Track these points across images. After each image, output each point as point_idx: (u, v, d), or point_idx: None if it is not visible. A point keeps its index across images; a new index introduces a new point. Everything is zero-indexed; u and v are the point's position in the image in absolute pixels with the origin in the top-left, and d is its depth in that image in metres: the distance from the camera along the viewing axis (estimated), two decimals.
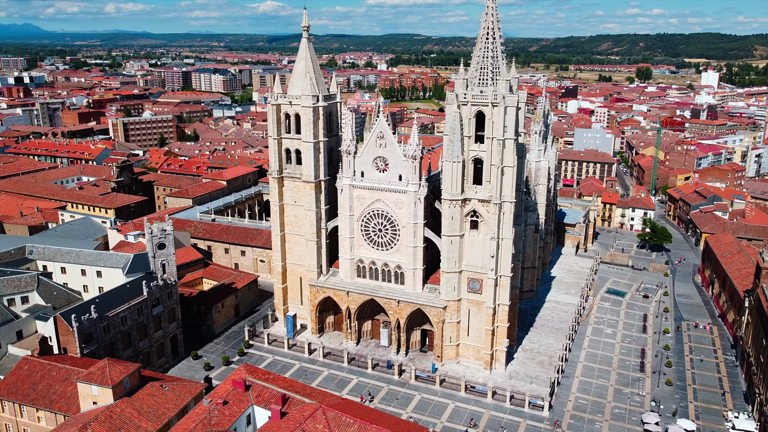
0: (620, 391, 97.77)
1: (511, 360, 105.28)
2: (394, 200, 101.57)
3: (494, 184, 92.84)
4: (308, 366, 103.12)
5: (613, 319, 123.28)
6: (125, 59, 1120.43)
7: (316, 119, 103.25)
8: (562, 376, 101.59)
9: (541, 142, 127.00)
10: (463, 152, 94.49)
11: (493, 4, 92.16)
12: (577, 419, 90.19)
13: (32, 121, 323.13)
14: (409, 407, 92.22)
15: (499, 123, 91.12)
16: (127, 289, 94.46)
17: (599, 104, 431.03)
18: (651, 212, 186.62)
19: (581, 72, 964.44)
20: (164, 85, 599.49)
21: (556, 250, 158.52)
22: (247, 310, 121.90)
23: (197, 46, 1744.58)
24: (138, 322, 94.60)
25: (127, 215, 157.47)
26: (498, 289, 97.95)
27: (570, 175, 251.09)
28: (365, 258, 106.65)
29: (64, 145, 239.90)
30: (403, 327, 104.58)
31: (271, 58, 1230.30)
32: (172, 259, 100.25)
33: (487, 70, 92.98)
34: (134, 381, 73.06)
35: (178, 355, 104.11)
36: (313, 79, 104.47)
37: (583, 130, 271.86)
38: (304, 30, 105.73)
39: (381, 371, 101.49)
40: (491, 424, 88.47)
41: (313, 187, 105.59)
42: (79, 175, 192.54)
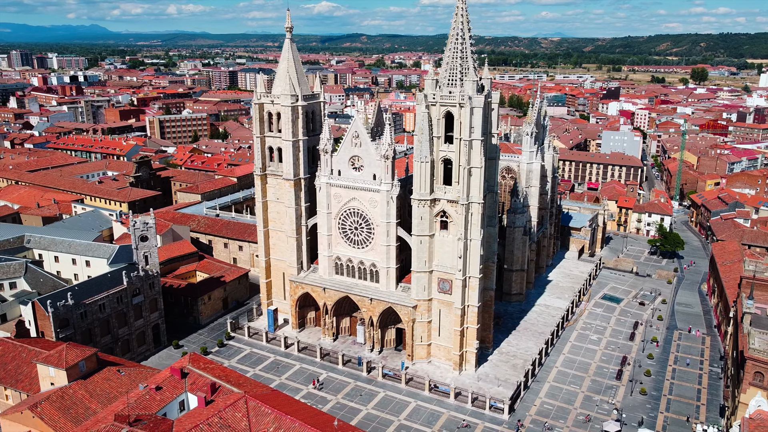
0: (590, 398, 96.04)
1: (484, 362, 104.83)
2: (369, 199, 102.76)
3: (461, 185, 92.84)
4: (282, 359, 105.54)
5: (602, 326, 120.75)
6: (181, 59, 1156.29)
7: (296, 118, 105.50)
8: (534, 380, 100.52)
9: (533, 143, 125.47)
10: (432, 152, 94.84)
11: (463, 5, 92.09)
12: (537, 424, 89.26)
13: (77, 117, 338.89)
14: (371, 404, 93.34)
15: (466, 124, 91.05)
16: (108, 278, 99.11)
17: (642, 106, 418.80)
18: (668, 218, 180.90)
19: (634, 73, 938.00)
20: (210, 85, 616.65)
21: (559, 254, 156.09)
22: (237, 303, 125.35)
23: (252, 46, 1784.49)
24: (117, 310, 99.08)
25: (141, 209, 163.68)
26: (467, 291, 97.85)
27: (594, 179, 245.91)
28: (342, 255, 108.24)
29: (98, 141, 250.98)
30: (376, 324, 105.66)
31: (321, 58, 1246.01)
32: (154, 251, 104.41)
33: (456, 70, 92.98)
34: (91, 365, 76.92)
35: (161, 344, 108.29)
36: (294, 79, 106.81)
37: (611, 133, 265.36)
38: (287, 31, 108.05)
39: (352, 367, 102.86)
40: (448, 424, 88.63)
41: (292, 184, 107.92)
42: (105, 170, 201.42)
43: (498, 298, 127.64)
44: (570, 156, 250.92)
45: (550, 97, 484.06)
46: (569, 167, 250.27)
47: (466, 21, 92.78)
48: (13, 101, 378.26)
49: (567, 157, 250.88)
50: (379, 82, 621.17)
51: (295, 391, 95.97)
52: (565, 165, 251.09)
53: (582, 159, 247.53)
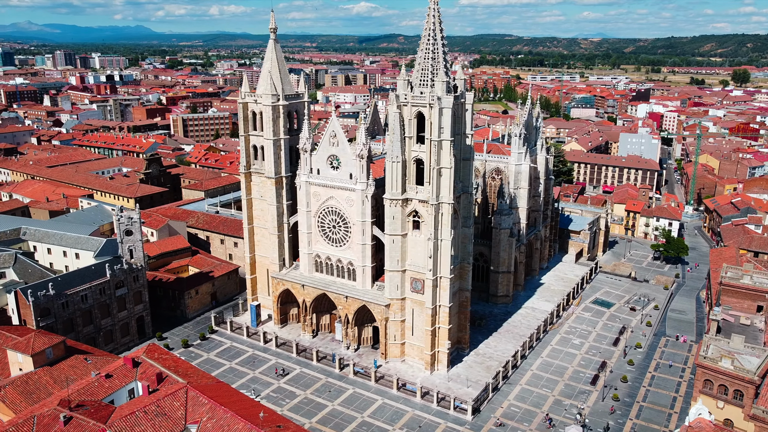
0: (560, 403, 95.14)
1: (459, 363, 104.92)
2: (345, 198, 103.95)
3: (431, 185, 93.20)
4: (260, 354, 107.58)
5: (587, 330, 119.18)
6: (219, 59, 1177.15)
7: (276, 117, 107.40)
8: (505, 382, 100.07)
9: (521, 145, 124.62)
10: (404, 153, 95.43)
11: (435, 6, 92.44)
12: (501, 426, 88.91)
13: (105, 115, 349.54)
14: (338, 400, 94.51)
15: (435, 124, 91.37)
16: (91, 270, 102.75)
17: (672, 108, 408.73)
18: (676, 222, 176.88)
19: (674, 74, 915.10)
20: (242, 84, 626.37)
21: (557, 257, 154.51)
22: (226, 298, 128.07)
23: (290, 47, 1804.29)
24: (100, 301, 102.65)
25: (148, 204, 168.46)
26: (438, 291, 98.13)
27: (610, 182, 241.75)
28: (322, 253, 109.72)
29: (120, 138, 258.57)
30: (352, 322, 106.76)
31: (356, 59, 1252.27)
32: (139, 245, 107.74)
33: (427, 71, 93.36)
34: (58, 352, 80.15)
35: (145, 336, 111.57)
36: (276, 79, 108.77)
37: (628, 135, 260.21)
38: (272, 32, 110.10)
39: (327, 364, 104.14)
40: (411, 423, 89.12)
41: (274, 182, 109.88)
42: (120, 166, 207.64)
43: (484, 300, 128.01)
44: (585, 158, 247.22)
45: (578, 98, 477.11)
46: (584, 169, 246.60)
47: (438, 21, 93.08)
48: (47, 99, 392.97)
49: (582, 159, 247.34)
50: None
51: (266, 385, 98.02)
52: (580, 167, 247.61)
53: (597, 161, 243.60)
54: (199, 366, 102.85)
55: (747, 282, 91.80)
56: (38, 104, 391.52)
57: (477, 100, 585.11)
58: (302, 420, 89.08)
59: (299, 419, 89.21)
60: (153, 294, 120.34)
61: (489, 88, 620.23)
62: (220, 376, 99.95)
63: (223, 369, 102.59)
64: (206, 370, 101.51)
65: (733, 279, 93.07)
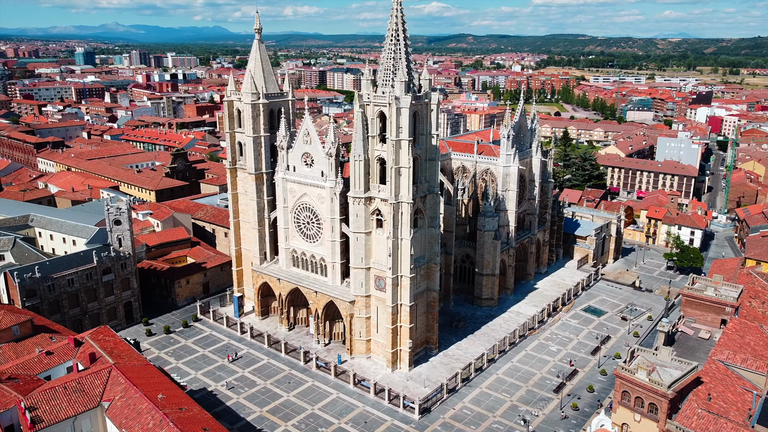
0: (516, 408, 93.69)
1: (425, 363, 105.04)
2: (317, 195, 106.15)
3: (390, 185, 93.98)
4: (234, 344, 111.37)
5: (569, 337, 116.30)
6: (286, 59, 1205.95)
7: (256, 115, 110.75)
8: (465, 384, 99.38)
9: (510, 146, 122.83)
10: (367, 151, 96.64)
11: (398, 6, 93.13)
12: (446, 427, 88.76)
13: (159, 112, 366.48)
14: (295, 391, 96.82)
15: (394, 124, 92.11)
16: (80, 256, 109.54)
17: (735, 112, 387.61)
18: (699, 232, 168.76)
19: (754, 77, 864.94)
20: (300, 83, 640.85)
21: (560, 263, 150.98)
22: (218, 288, 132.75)
23: (359, 47, 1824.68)
24: (86, 286, 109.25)
25: (168, 197, 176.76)
26: (399, 289, 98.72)
27: (645, 187, 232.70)
28: (298, 249, 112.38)
29: (163, 134, 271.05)
30: (322, 317, 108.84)
31: (420, 59, 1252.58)
32: (127, 234, 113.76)
33: (389, 71, 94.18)
34: (25, 330, 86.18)
35: (133, 320, 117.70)
36: (259, 78, 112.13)
37: (666, 139, 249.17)
38: (256, 32, 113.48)
39: (294, 356, 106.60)
40: (357, 418, 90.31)
41: (254, 178, 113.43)
42: (154, 160, 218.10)
43: (469, 302, 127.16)
44: (619, 162, 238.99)
45: (635, 101, 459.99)
46: (618, 174, 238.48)
47: (401, 21, 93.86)
48: (107, 96, 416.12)
49: (616, 164, 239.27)
50: (462, 83, 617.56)
51: (231, 373, 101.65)
52: (614, 172, 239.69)
53: (632, 166, 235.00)
54: (174, 351, 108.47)
55: (710, 294, 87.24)
56: (101, 101, 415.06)
57: (532, 101, 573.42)
58: (253, 408, 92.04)
59: (251, 407, 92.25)
60: (147, 281, 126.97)
61: (546, 89, 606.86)
62: (190, 363, 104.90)
63: (195, 356, 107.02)
64: (180, 356, 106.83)
65: (697, 290, 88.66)
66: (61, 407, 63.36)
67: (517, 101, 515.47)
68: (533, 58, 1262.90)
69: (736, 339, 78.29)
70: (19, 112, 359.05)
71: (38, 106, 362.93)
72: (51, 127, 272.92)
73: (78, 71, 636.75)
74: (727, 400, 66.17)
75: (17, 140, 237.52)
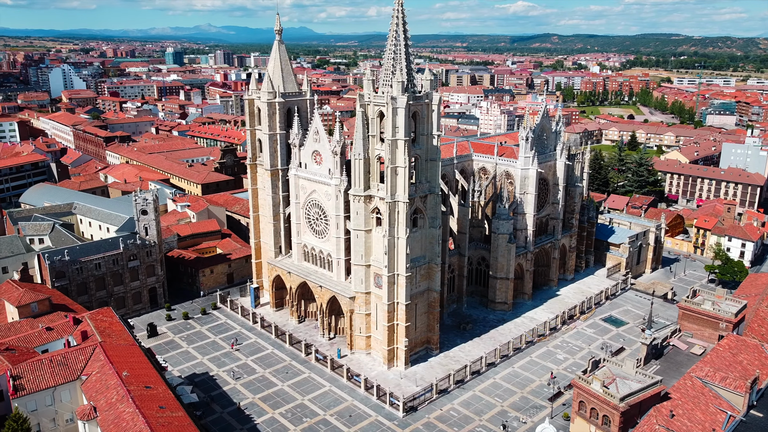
0: (505, 414, 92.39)
1: (424, 362, 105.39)
2: (324, 192, 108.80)
3: (387, 184, 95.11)
4: (245, 332, 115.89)
5: (580, 347, 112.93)
6: (365, 59, 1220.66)
7: (272, 113, 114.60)
8: (459, 386, 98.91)
9: (528, 149, 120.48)
10: (368, 150, 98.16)
11: (399, 7, 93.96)
12: (429, 427, 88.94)
13: (227, 110, 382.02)
14: (290, 381, 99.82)
15: (390, 123, 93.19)
16: (108, 242, 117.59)
17: None
18: (750, 244, 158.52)
19: None
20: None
21: (590, 270, 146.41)
22: (242, 279, 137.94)
23: (440, 47, 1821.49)
24: (113, 270, 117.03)
25: (213, 190, 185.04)
26: (396, 287, 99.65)
27: (706, 195, 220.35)
28: (308, 244, 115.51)
29: (224, 130, 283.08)
30: (326, 311, 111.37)
31: (498, 59, 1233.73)
32: (153, 223, 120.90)
33: (389, 71, 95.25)
34: (43, 307, 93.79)
35: (157, 305, 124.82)
36: (278, 77, 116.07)
37: (732, 145, 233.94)
38: (277, 33, 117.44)
39: (297, 348, 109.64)
40: (344, 411, 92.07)
41: (270, 174, 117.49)
42: (209, 155, 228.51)
43: (483, 305, 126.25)
44: (678, 169, 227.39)
45: (717, 104, 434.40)
46: (677, 181, 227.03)
47: (402, 22, 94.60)
48: (182, 94, 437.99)
49: (676, 170, 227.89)
50: (535, 84, 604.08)
51: (234, 360, 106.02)
52: (672, 178, 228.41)
53: (692, 173, 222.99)
54: (188, 336, 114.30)
55: (707, 308, 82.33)
56: (178, 98, 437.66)
57: (609, 104, 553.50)
58: (247, 394, 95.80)
59: (245, 393, 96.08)
60: (176, 270, 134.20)
61: (624, 91, 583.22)
62: (199, 348, 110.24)
63: (206, 341, 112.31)
64: (192, 340, 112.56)
65: (695, 304, 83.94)
66: (44, 378, 69.06)
67: (592, 103, 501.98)
68: (618, 59, 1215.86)
69: (727, 357, 73.98)
70: (103, 108, 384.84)
71: (120, 103, 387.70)
72: (123, 122, 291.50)
73: (164, 70, 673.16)
74: (694, 419, 62.97)
75: (90, 134, 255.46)
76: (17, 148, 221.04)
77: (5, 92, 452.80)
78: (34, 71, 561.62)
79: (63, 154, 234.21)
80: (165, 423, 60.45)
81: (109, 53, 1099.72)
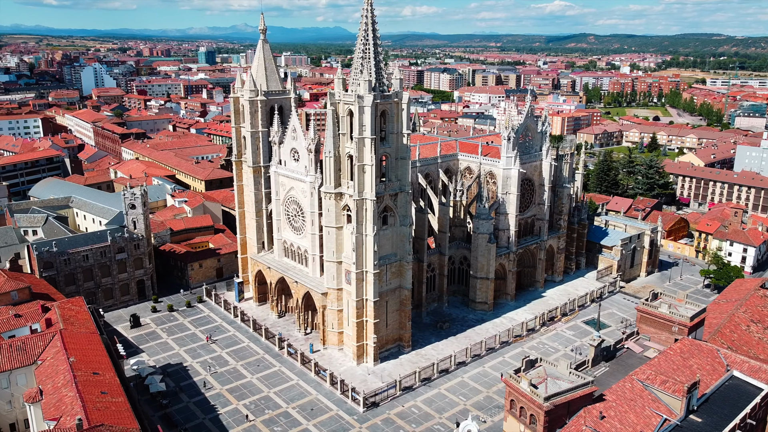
0: (465, 413, 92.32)
1: (393, 359, 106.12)
2: (301, 189, 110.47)
3: (354, 181, 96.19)
4: (225, 325, 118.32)
5: (556, 348, 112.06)
6: (395, 58, 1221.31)
7: (254, 111, 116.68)
8: (424, 384, 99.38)
9: (510, 149, 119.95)
10: (338, 148, 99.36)
11: (368, 6, 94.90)
12: (387, 422, 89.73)
13: None
14: (259, 374, 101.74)
15: (356, 122, 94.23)
16: (96, 235, 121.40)
17: None
18: (752, 249, 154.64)
19: None
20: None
21: (581, 272, 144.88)
22: (231, 274, 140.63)
23: (474, 47, 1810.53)
24: (101, 262, 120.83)
25: (217, 186, 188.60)
26: (364, 284, 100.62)
27: (718, 199, 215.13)
28: (287, 240, 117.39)
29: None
30: (302, 306, 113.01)
31: (530, 59, 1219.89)
32: (140, 217, 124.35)
33: (358, 70, 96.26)
34: (24, 296, 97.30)
35: (145, 297, 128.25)
36: (261, 76, 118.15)
37: (747, 148, 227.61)
38: (261, 32, 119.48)
39: (272, 342, 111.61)
40: (306, 405, 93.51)
41: (252, 170, 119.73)
42: (218, 152, 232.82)
43: (465, 305, 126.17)
44: (690, 172, 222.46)
45: (746, 106, 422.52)
46: (688, 184, 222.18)
47: (371, 22, 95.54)
48: (204, 92, 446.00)
49: (688, 173, 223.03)
50: (561, 84, 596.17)
51: (210, 352, 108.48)
52: (684, 181, 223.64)
53: (704, 176, 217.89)
54: (169, 328, 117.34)
55: (663, 311, 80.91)
56: (197, 96, 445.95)
57: (636, 105, 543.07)
58: (216, 385, 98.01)
59: (213, 384, 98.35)
60: (167, 263, 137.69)
61: (653, 92, 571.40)
62: (178, 339, 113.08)
63: (186, 333, 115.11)
64: (172, 332, 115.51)
65: (652, 306, 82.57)
66: (1, 362, 72.20)
67: (618, 104, 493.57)
68: (654, 59, 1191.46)
69: (677, 360, 72.94)
70: (128, 106, 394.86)
71: (144, 101, 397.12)
72: (141, 120, 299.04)
73: (194, 69, 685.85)
74: (625, 421, 62.43)
75: (108, 131, 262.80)
76: (36, 143, 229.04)
77: (39, 90, 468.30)
78: (69, 70, 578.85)
79: (80, 150, 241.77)
80: (102, 407, 62.71)
81: (145, 52, 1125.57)
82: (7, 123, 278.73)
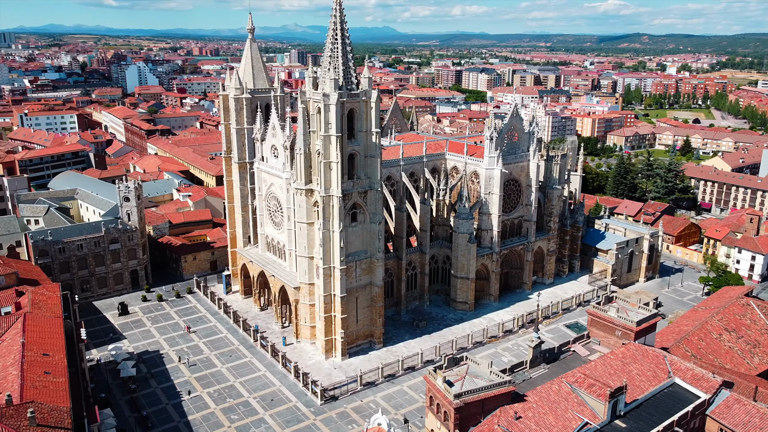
0: (422, 410, 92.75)
1: (362, 355, 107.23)
2: (279, 185, 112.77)
3: (320, 178, 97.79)
4: (208, 316, 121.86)
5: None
6: (440, 58, 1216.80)
7: (240, 108, 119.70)
8: (388, 380, 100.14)
9: (493, 149, 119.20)
10: (309, 146, 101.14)
11: (337, 6, 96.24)
12: (342, 416, 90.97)
13: None
14: (229, 364, 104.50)
15: (323, 119, 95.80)
16: (91, 225, 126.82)
17: None
18: (761, 257, 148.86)
19: None
20: (434, 83, 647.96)
21: (575, 275, 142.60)
22: (224, 267, 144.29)
23: (522, 47, 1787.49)
24: (94, 252, 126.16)
25: None
26: (332, 280, 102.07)
27: (740, 205, 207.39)
28: (269, 234, 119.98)
29: None
30: (278, 300, 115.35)
31: (578, 59, 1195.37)
32: (134, 210, 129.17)
33: (326, 69, 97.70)
34: (10, 281, 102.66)
35: (138, 286, 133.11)
36: (247, 74, 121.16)
37: None
38: (249, 32, 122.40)
39: (249, 334, 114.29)
40: (267, 396, 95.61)
41: (238, 167, 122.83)
42: None
43: (446, 303, 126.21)
44: (713, 176, 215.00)
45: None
46: (711, 188, 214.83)
47: (340, 21, 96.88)
48: None
49: (710, 177, 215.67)
50: (601, 85, 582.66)
51: (188, 341, 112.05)
52: (706, 186, 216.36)
53: (726, 180, 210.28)
54: (154, 317, 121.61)
55: (611, 315, 79.16)
56: None
57: (679, 107, 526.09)
58: (185, 373, 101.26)
59: (183, 372, 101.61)
60: (164, 254, 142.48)
61: (698, 94, 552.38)
62: (160, 328, 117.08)
63: (169, 322, 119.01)
64: (156, 320, 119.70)
65: (602, 310, 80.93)
66: None
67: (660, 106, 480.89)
68: (709, 60, 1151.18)
69: (615, 365, 71.71)
70: (165, 104, 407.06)
71: (180, 99, 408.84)
72: (169, 117, 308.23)
73: (236, 68, 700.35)
74: (542, 423, 61.95)
75: (136, 127, 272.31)
76: (66, 138, 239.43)
77: (85, 87, 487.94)
78: (116, 68, 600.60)
79: (108, 145, 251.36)
80: (39, 386, 66.11)
81: (195, 51, 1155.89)
82: (45, 119, 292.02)
